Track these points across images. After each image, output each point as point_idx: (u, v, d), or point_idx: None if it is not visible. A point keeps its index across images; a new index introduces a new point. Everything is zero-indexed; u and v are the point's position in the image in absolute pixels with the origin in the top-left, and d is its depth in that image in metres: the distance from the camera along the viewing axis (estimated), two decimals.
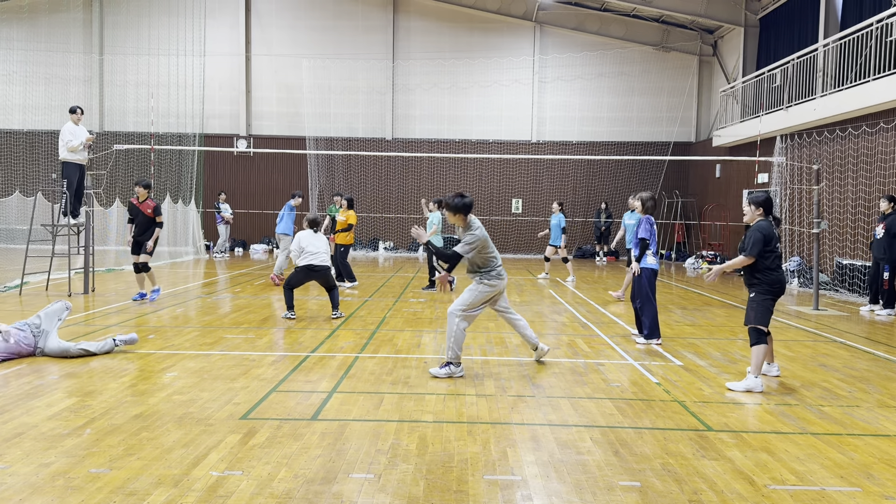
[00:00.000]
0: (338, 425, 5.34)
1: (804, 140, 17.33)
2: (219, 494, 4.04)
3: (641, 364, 7.71)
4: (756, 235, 6.69)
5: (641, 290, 8.74)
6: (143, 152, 23.87)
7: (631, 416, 5.73)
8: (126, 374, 6.80)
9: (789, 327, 10.54)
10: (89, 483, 4.16)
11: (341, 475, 4.38)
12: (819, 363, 7.96)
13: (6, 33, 25.37)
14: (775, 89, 18.98)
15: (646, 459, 4.73)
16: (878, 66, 14.28)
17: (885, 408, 6.15)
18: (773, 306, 6.65)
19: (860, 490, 4.30)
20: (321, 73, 25.95)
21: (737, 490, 4.25)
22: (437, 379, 6.84)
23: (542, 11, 25.62)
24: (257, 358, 7.63)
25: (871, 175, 14.59)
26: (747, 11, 22.19)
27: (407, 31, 26.17)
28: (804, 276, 16.07)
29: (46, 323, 7.46)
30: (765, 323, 6.55)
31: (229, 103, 26.32)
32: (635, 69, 25.84)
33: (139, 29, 25.67)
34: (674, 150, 25.19)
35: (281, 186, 26.25)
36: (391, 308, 11.75)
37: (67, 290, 12.32)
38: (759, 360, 6.54)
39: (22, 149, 25.38)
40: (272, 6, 26.15)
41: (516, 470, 4.52)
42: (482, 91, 26.10)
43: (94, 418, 5.39)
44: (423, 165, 26.11)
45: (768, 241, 6.63)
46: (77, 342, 7.61)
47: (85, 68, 25.80)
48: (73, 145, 12.11)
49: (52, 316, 7.55)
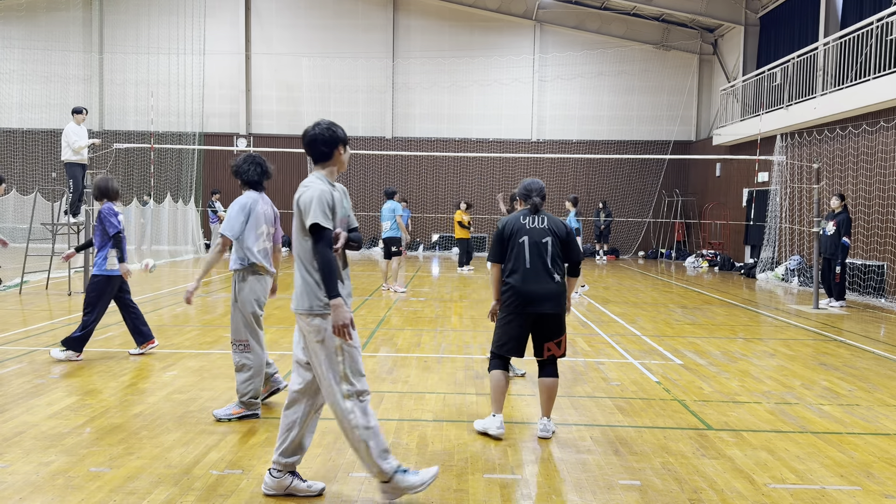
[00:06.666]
0: (338, 424, 5.33)
1: (804, 139, 17.32)
2: (219, 493, 4.04)
3: (641, 363, 7.71)
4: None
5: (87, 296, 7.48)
6: (142, 151, 23.87)
7: (631, 415, 5.73)
8: (126, 373, 6.80)
9: (789, 326, 10.54)
10: (89, 482, 4.16)
11: (341, 474, 4.38)
12: (819, 362, 7.96)
13: (5, 31, 25.34)
14: (775, 88, 18.97)
15: (646, 458, 4.73)
16: (878, 65, 14.27)
17: (885, 406, 6.15)
18: None
19: (860, 489, 4.30)
20: (321, 72, 25.93)
21: (737, 489, 4.25)
22: (436, 377, 6.83)
23: (542, 10, 25.60)
24: None
25: (872, 174, 14.59)
26: (747, 10, 22.17)
27: (407, 30, 26.16)
28: (804, 274, 16.07)
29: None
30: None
31: (229, 102, 26.31)
32: (635, 68, 25.83)
33: (139, 27, 25.65)
34: (674, 148, 25.18)
35: (281, 185, 26.21)
36: (391, 307, 11.74)
37: (67, 290, 12.32)
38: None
39: (20, 148, 25.36)
40: (272, 5, 26.13)
41: (516, 469, 4.52)
42: (482, 90, 26.08)
43: (94, 417, 5.39)
44: (422, 164, 26.10)
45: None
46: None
47: (84, 67, 25.78)
48: (80, 145, 12.07)
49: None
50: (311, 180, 3.96)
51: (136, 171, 24.52)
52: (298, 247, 3.94)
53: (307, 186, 3.92)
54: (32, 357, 7.36)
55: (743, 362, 7.84)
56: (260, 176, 5.58)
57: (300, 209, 3.88)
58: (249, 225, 5.45)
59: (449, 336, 9.11)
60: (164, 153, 24.45)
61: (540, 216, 5.15)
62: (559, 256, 5.12)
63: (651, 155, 24.60)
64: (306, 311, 3.90)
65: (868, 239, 14.43)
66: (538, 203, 5.18)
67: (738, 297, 14.13)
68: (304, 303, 3.90)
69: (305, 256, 3.91)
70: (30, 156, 25.29)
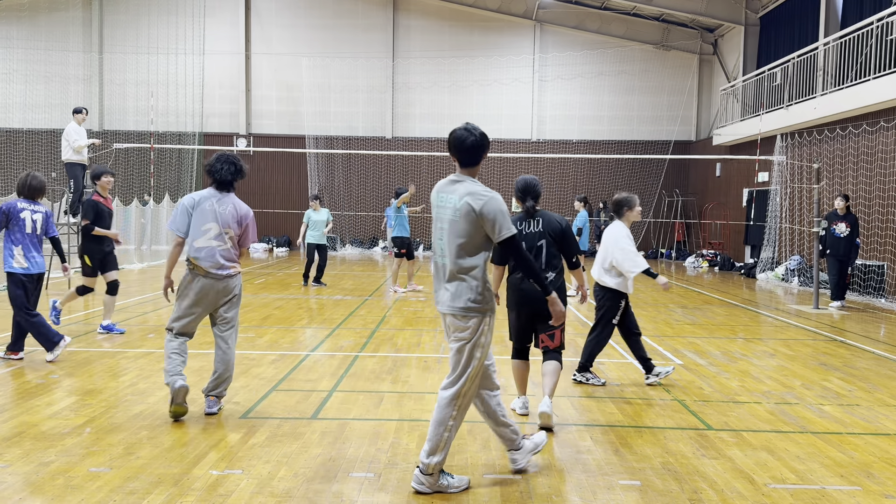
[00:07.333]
0: (338, 424, 5.34)
1: (804, 139, 17.32)
2: (219, 493, 4.04)
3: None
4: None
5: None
6: (142, 151, 23.86)
7: (631, 415, 5.73)
8: (126, 373, 6.79)
9: (789, 326, 10.54)
10: (89, 482, 4.15)
11: (341, 474, 4.38)
12: (819, 362, 7.96)
13: (6, 32, 25.35)
14: (776, 88, 18.97)
15: (646, 458, 4.73)
16: (878, 65, 14.27)
17: (885, 406, 6.15)
18: None
19: (860, 489, 4.29)
20: (321, 72, 25.93)
21: (737, 489, 4.25)
22: (436, 377, 6.83)
23: (542, 10, 25.60)
24: (257, 357, 7.63)
25: (872, 174, 14.59)
26: (748, 10, 22.17)
27: (407, 30, 26.16)
28: (804, 274, 16.07)
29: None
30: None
31: (229, 102, 26.30)
32: (635, 68, 25.82)
33: (139, 27, 25.65)
34: (674, 149, 25.17)
35: (281, 185, 26.25)
36: (391, 307, 11.74)
37: (67, 289, 12.30)
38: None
39: (22, 148, 25.36)
40: (272, 5, 26.13)
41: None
42: (482, 90, 26.08)
43: (94, 417, 5.39)
44: (423, 164, 26.10)
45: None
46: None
47: (85, 67, 25.78)
48: (80, 144, 12.06)
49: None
50: (481, 188, 4.06)
51: (136, 171, 24.51)
52: (460, 250, 4.05)
53: (486, 195, 4.01)
54: (32, 357, 7.35)
55: (743, 362, 7.84)
56: (233, 175, 5.48)
57: (480, 216, 3.98)
58: (194, 220, 5.39)
59: None
60: (164, 153, 24.46)
61: (535, 219, 5.45)
62: (554, 255, 5.45)
63: (651, 155, 24.60)
64: (462, 312, 4.05)
65: (868, 239, 14.42)
66: (531, 207, 5.48)
67: (739, 297, 14.13)
68: (459, 303, 4.07)
69: (469, 262, 4.06)
70: (32, 156, 25.29)
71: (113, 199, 22.67)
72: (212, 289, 5.41)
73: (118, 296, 9.13)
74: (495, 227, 3.98)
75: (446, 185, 4.14)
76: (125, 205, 23.41)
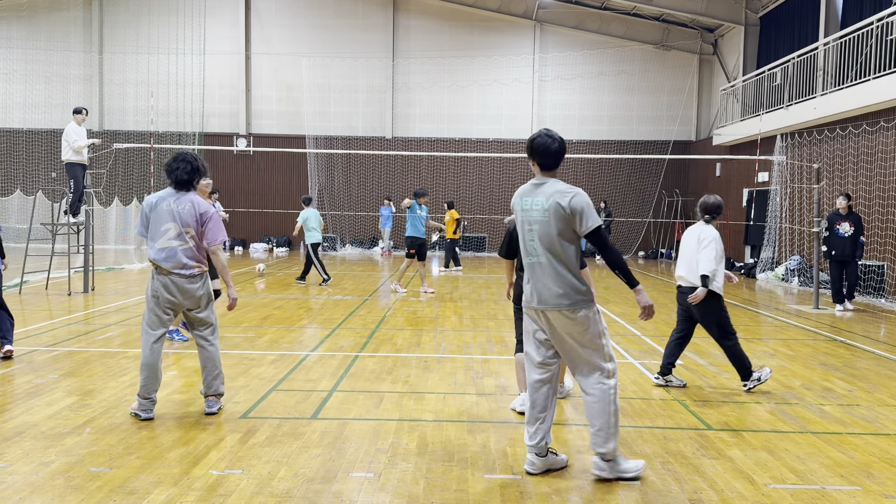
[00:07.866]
0: (338, 424, 5.34)
1: (804, 139, 17.32)
2: (219, 493, 4.04)
3: (641, 363, 7.71)
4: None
5: None
6: (142, 151, 23.86)
7: (631, 416, 5.73)
8: (126, 374, 6.79)
9: (789, 326, 10.54)
10: (89, 482, 4.15)
11: (341, 474, 4.38)
12: (819, 362, 7.96)
13: (6, 32, 25.36)
14: (775, 88, 18.97)
15: (646, 458, 4.73)
16: (878, 65, 14.27)
17: (885, 406, 6.15)
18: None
19: (860, 489, 4.29)
20: (321, 72, 25.93)
21: (737, 489, 4.25)
22: (436, 377, 6.83)
23: (542, 10, 25.60)
24: (257, 357, 7.63)
25: (872, 174, 14.59)
26: (748, 10, 22.17)
27: (407, 30, 26.16)
28: (804, 274, 16.08)
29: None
30: None
31: (229, 102, 26.31)
32: (635, 68, 25.82)
33: (139, 27, 25.66)
34: (674, 148, 25.17)
35: (281, 185, 26.25)
36: (391, 307, 11.74)
37: (67, 289, 12.32)
38: None
39: (22, 148, 25.37)
40: (272, 5, 26.13)
41: (516, 469, 4.52)
42: (482, 90, 26.08)
43: (94, 417, 5.39)
44: (423, 164, 26.10)
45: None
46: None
47: (85, 67, 25.79)
48: (80, 144, 12.06)
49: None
50: (565, 185, 4.26)
51: (136, 171, 24.51)
52: (556, 247, 4.23)
53: (572, 191, 4.22)
54: (32, 357, 7.36)
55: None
56: (189, 175, 5.44)
57: (569, 211, 4.18)
58: (152, 221, 5.42)
59: (449, 336, 9.11)
60: (164, 153, 24.43)
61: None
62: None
63: (651, 155, 24.59)
64: (569, 306, 4.22)
65: (868, 239, 14.42)
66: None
67: (738, 297, 14.13)
68: (565, 300, 4.23)
69: (566, 258, 4.25)
70: (32, 156, 25.30)
71: (114, 200, 22.67)
72: (177, 288, 5.43)
73: (118, 296, 9.11)
74: (583, 219, 4.16)
75: (530, 190, 4.34)
76: (125, 205, 23.42)
